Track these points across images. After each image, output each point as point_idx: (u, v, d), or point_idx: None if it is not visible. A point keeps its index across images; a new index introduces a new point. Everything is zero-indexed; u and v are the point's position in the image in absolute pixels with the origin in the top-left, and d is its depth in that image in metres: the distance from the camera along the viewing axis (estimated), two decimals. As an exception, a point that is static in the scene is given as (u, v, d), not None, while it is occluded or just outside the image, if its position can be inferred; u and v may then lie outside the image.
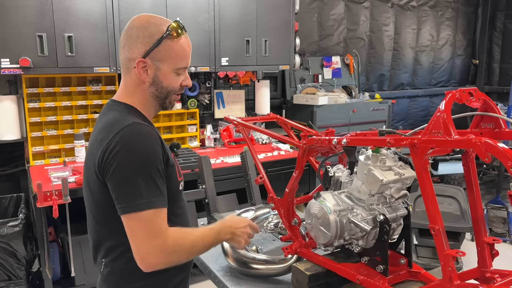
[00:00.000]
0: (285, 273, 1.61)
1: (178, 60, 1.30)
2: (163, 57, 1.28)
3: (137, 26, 1.29)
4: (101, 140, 1.22)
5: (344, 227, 1.37)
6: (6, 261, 2.76)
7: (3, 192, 3.44)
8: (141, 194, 1.17)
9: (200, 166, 2.15)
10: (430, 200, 1.08)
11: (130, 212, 1.17)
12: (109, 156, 1.18)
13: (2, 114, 3.11)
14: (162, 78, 1.31)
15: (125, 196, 1.17)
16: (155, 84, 1.31)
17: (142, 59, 1.27)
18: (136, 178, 1.17)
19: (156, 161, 1.20)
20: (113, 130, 1.21)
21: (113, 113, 1.29)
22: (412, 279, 1.34)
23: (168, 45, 1.28)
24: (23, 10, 2.88)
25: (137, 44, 1.27)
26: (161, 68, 1.29)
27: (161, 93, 1.33)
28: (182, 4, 3.42)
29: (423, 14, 6.00)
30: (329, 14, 5.25)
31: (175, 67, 1.31)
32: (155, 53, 1.27)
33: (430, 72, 6.31)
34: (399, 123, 6.04)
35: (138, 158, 1.18)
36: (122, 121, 1.23)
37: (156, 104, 1.36)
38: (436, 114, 1.04)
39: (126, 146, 1.18)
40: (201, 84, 4.03)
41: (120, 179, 1.18)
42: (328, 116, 4.41)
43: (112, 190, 1.20)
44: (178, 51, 1.29)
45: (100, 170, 1.20)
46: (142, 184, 1.17)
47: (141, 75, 1.29)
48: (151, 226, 1.18)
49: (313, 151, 1.54)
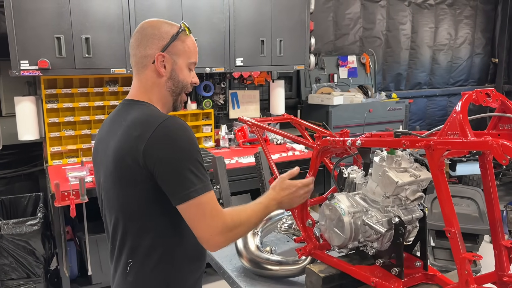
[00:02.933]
0: (299, 275, 1.61)
1: (191, 54, 1.37)
2: (179, 51, 1.34)
3: (150, 26, 1.35)
4: (139, 136, 1.23)
5: (359, 229, 1.36)
6: (25, 259, 2.82)
7: (22, 191, 3.52)
8: (194, 181, 1.21)
9: (215, 166, 2.15)
10: (446, 202, 1.06)
11: (188, 199, 1.21)
12: (153, 151, 1.21)
13: (21, 115, 3.17)
14: (178, 72, 1.36)
15: (181, 186, 1.21)
16: (172, 79, 1.36)
17: (160, 53, 1.32)
18: (188, 166, 1.21)
19: (198, 149, 1.26)
20: (151, 125, 1.23)
21: (137, 111, 1.31)
22: (428, 282, 1.32)
23: (183, 40, 1.35)
24: (42, 12, 2.93)
25: (154, 40, 1.32)
26: (178, 62, 1.35)
27: (177, 87, 1.37)
28: (197, 5, 3.44)
29: (440, 13, 5.91)
30: (345, 13, 5.22)
31: (188, 61, 1.37)
32: (172, 47, 1.33)
33: (448, 71, 6.21)
34: (416, 123, 5.96)
35: (185, 148, 1.22)
36: (157, 116, 1.26)
37: (170, 102, 1.40)
38: (452, 115, 1.02)
39: (172, 138, 1.22)
40: (216, 85, 4.04)
41: (172, 170, 1.21)
42: (344, 116, 4.37)
43: (165, 183, 1.22)
44: (191, 46, 1.37)
45: (146, 165, 1.22)
46: (193, 172, 1.22)
47: (160, 69, 1.33)
48: (210, 209, 1.24)
49: (327, 152, 1.53)
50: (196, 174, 1.22)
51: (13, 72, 2.91)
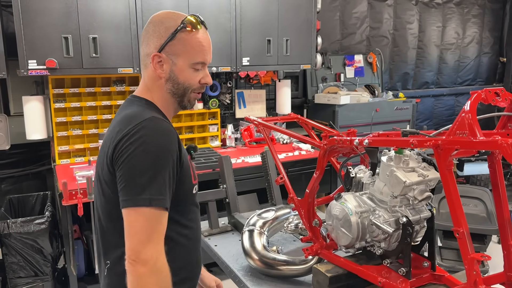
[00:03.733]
0: (306, 274, 1.60)
1: (194, 54, 1.26)
2: (178, 51, 1.25)
3: (154, 22, 1.28)
4: (118, 131, 1.18)
5: (366, 229, 1.35)
6: (33, 258, 2.84)
7: (30, 190, 3.54)
8: (146, 189, 1.11)
9: (221, 166, 2.16)
10: (454, 202, 1.05)
11: (130, 206, 1.11)
12: (123, 146, 1.14)
13: (29, 114, 3.20)
14: (178, 74, 1.27)
15: (129, 189, 1.12)
16: (171, 80, 1.28)
17: (157, 53, 1.25)
18: (145, 172, 1.11)
19: (169, 160, 1.15)
20: (131, 122, 1.17)
21: (133, 107, 1.27)
22: (436, 282, 1.31)
23: (183, 39, 1.25)
24: (50, 12, 2.95)
25: (153, 38, 1.26)
26: (177, 62, 1.26)
27: (177, 89, 1.29)
28: (203, 5, 3.45)
29: (448, 12, 5.88)
30: (351, 12, 5.20)
31: (191, 62, 1.27)
32: (169, 46, 1.25)
33: (456, 70, 6.17)
34: (423, 123, 5.93)
35: (152, 152, 1.13)
36: (142, 114, 1.20)
37: (174, 103, 1.33)
38: (461, 115, 1.01)
39: (142, 138, 1.13)
40: (222, 84, 4.05)
41: (128, 170, 1.13)
42: (350, 115, 4.36)
43: (118, 181, 1.15)
44: (194, 45, 1.26)
45: (113, 159, 1.16)
46: (149, 180, 1.11)
47: (157, 70, 1.27)
48: (150, 226, 1.11)
49: (334, 152, 1.52)
50: (153, 183, 1.11)
51: (21, 72, 2.93)
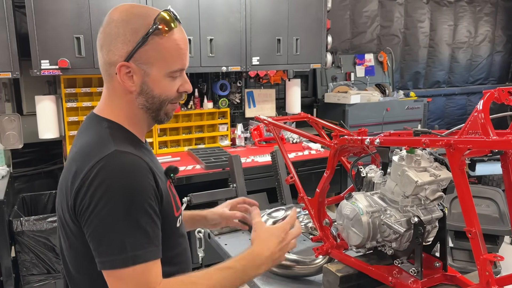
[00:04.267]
0: (316, 274, 1.60)
1: (172, 61, 1.05)
2: (151, 58, 1.03)
3: (116, 20, 1.03)
4: (76, 171, 0.98)
5: (377, 228, 1.35)
6: (45, 255, 2.87)
7: (43, 188, 3.58)
8: (125, 246, 0.93)
9: (231, 165, 2.16)
10: (466, 202, 1.04)
11: (110, 268, 0.94)
12: (85, 196, 0.95)
13: (42, 114, 3.24)
14: (153, 86, 1.05)
15: (104, 249, 0.94)
16: (144, 94, 1.06)
17: (124, 63, 1.02)
18: (118, 225, 0.93)
19: (144, 200, 0.96)
20: (89, 159, 0.97)
21: (91, 133, 1.05)
22: (448, 282, 1.30)
23: (157, 43, 1.02)
24: (62, 13, 2.98)
25: (117, 44, 1.02)
26: (150, 73, 1.04)
27: (152, 104, 1.08)
28: (214, 5, 3.45)
29: (460, 10, 5.82)
30: (362, 11, 5.18)
31: (168, 70, 1.05)
32: (140, 54, 1.02)
33: (468, 69, 6.11)
34: (434, 122, 5.88)
35: (120, 199, 0.93)
36: (102, 147, 0.99)
37: (148, 119, 1.12)
38: (474, 114, 1.01)
39: (105, 183, 0.93)
40: (232, 84, 4.06)
41: (97, 226, 0.94)
42: (361, 115, 4.34)
43: (89, 239, 0.97)
44: (171, 50, 1.04)
45: (76, 212, 0.98)
46: (126, 233, 0.93)
47: (125, 83, 1.04)
48: (141, 283, 0.95)
49: (344, 151, 1.52)
50: (132, 236, 0.94)
51: (34, 72, 2.96)
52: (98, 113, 1.11)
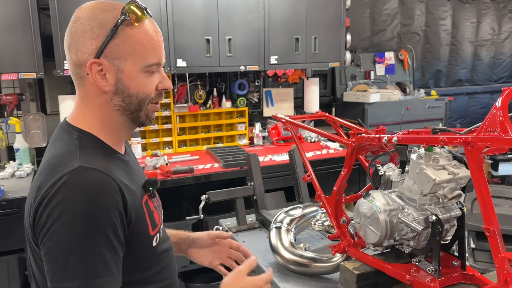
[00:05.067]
0: (333, 272, 1.61)
1: (146, 54, 0.98)
2: (123, 52, 0.96)
3: (82, 17, 0.96)
4: (39, 186, 0.92)
5: (394, 227, 1.34)
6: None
7: (66, 186, 3.67)
8: (79, 273, 0.85)
9: (249, 164, 2.18)
10: (485, 200, 1.03)
11: None
12: (42, 214, 0.88)
13: (65, 113, 3.30)
14: (128, 83, 0.98)
15: (56, 274, 0.86)
16: (119, 93, 0.99)
17: (95, 59, 0.95)
18: (74, 249, 0.85)
19: (105, 224, 0.88)
20: (53, 174, 0.90)
21: (59, 144, 0.99)
22: (466, 282, 1.29)
23: (128, 35, 0.96)
24: (84, 14, 3.04)
25: (85, 41, 0.95)
26: (124, 68, 0.97)
27: (129, 104, 1.00)
28: (232, 5, 3.48)
29: (483, 7, 5.70)
30: (382, 9, 5.13)
31: (143, 65, 0.98)
32: (111, 48, 0.95)
33: (491, 67, 5.98)
34: (457, 121, 5.78)
35: (78, 222, 0.86)
36: (66, 162, 0.92)
37: (126, 121, 1.04)
38: (492, 112, 1.00)
39: (63, 203, 0.86)
40: (250, 83, 4.07)
41: (50, 249, 0.87)
42: (381, 114, 4.30)
43: (43, 261, 0.89)
44: (144, 42, 0.97)
45: (34, 230, 0.91)
46: (81, 259, 0.85)
47: (98, 82, 0.97)
48: None
49: (362, 150, 1.51)
50: (89, 265, 0.85)
51: (58, 72, 3.04)
52: (70, 121, 1.04)
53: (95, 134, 1.01)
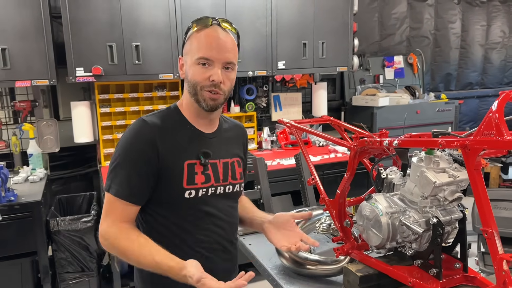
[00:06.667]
0: (337, 274, 1.62)
1: (198, 49, 1.30)
2: (187, 50, 1.34)
3: None
4: None
5: (396, 229, 1.36)
6: (79, 254, 3.00)
7: (78, 190, 3.74)
8: (110, 178, 1.30)
9: (256, 168, 2.21)
10: (483, 202, 1.05)
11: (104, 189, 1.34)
12: None
13: (77, 119, 3.39)
14: (188, 71, 1.33)
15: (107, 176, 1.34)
16: (186, 79, 1.36)
17: (180, 57, 1.38)
18: (113, 163, 1.31)
19: (132, 154, 1.29)
20: None
21: None
22: (468, 283, 1.30)
23: (192, 37, 1.33)
24: (95, 22, 3.12)
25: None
26: (187, 60, 1.34)
27: (190, 87, 1.34)
28: (240, 11, 3.53)
29: (493, 10, 5.67)
30: (390, 13, 5.13)
31: (195, 57, 1.30)
32: (185, 48, 1.35)
33: (502, 70, 5.94)
34: (467, 125, 5.74)
35: (120, 150, 1.31)
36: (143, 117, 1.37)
37: (194, 103, 1.36)
38: (488, 115, 1.01)
39: (121, 138, 1.34)
40: (259, 88, 4.11)
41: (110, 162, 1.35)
42: (390, 118, 4.28)
43: None
44: (200, 41, 1.30)
45: None
46: (114, 171, 1.30)
47: (180, 72, 1.39)
48: (106, 208, 1.31)
49: (365, 153, 1.53)
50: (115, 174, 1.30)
51: (70, 79, 3.11)
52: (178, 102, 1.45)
53: (180, 109, 1.40)
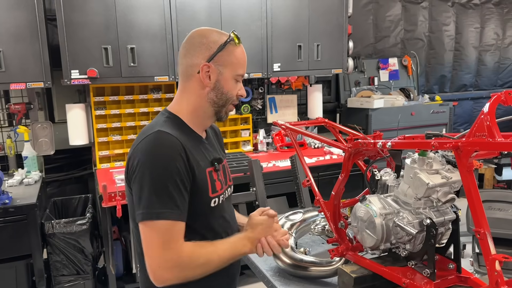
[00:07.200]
0: (332, 276, 1.63)
1: (239, 66, 1.34)
2: (226, 62, 1.31)
3: (199, 35, 1.34)
4: (132, 145, 1.30)
5: (390, 230, 1.37)
6: (75, 257, 2.99)
7: (73, 193, 3.73)
8: (153, 204, 1.17)
9: (251, 170, 2.22)
10: (475, 203, 1.06)
11: (142, 220, 1.19)
12: (133, 163, 1.23)
13: (72, 121, 3.38)
14: (224, 84, 1.32)
15: (141, 204, 1.19)
16: (216, 90, 1.33)
17: (206, 63, 1.30)
18: (150, 187, 1.18)
19: (173, 172, 1.19)
20: (140, 137, 1.27)
21: (153, 120, 1.36)
22: (461, 284, 1.31)
23: (231, 51, 1.32)
24: (90, 25, 3.12)
25: (201, 49, 1.31)
26: (224, 73, 1.32)
27: (220, 99, 1.34)
28: (236, 13, 3.53)
29: (486, 12, 5.72)
30: (385, 15, 5.17)
31: (235, 73, 1.33)
32: (219, 57, 1.30)
33: (496, 72, 5.98)
34: (461, 126, 5.77)
35: (154, 167, 1.19)
36: (152, 128, 1.27)
37: (211, 112, 1.36)
38: (480, 117, 1.03)
39: (145, 154, 1.21)
40: (254, 90, 4.12)
41: (138, 186, 1.20)
42: (385, 119, 4.30)
43: (133, 197, 1.24)
44: (239, 57, 1.34)
45: (127, 175, 1.27)
46: (154, 194, 1.17)
47: (205, 79, 1.31)
48: (162, 238, 1.17)
49: (359, 155, 1.54)
50: (159, 197, 1.17)
51: (65, 81, 3.11)
52: (167, 108, 1.38)
53: (181, 117, 1.35)
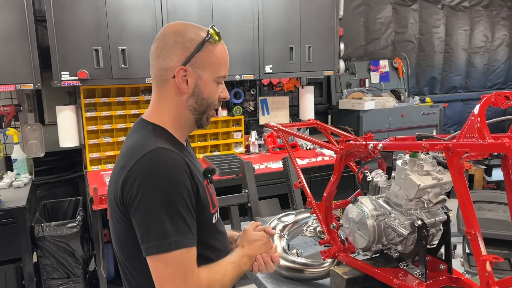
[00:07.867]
0: (325, 277, 1.63)
1: (220, 67, 1.20)
2: (205, 63, 1.17)
3: (173, 32, 1.18)
4: (122, 167, 1.10)
5: (382, 232, 1.37)
6: (65, 260, 2.96)
7: (63, 195, 3.70)
8: (167, 232, 1.03)
9: (243, 171, 2.21)
10: (466, 204, 1.06)
11: (155, 253, 1.04)
12: (131, 187, 1.06)
13: (62, 123, 3.35)
14: (203, 88, 1.18)
15: (150, 235, 1.04)
16: (195, 96, 1.19)
17: (182, 66, 1.15)
18: (160, 213, 1.03)
19: (182, 192, 1.07)
20: (134, 156, 1.08)
21: (138, 134, 1.18)
22: (452, 285, 1.32)
23: (210, 50, 1.17)
24: (81, 26, 3.09)
25: (176, 51, 1.15)
26: (202, 76, 1.17)
27: (200, 105, 1.20)
28: (227, 15, 3.53)
29: (476, 15, 5.78)
30: (376, 17, 5.20)
31: (216, 75, 1.20)
32: (196, 59, 1.16)
33: (485, 74, 6.05)
34: (452, 128, 5.82)
35: (162, 190, 1.04)
36: (146, 145, 1.10)
37: (192, 120, 1.23)
38: (470, 118, 1.03)
39: (148, 176, 1.05)
40: (246, 92, 4.12)
41: (143, 215, 1.05)
42: (376, 121, 4.33)
43: (136, 228, 1.08)
44: (220, 57, 1.19)
45: (123, 202, 1.09)
46: (167, 221, 1.03)
47: (181, 85, 1.16)
48: (182, 269, 1.05)
49: (351, 156, 1.55)
50: (173, 224, 1.04)
51: (55, 83, 3.08)
52: (146, 118, 1.23)
53: (166, 128, 1.20)
